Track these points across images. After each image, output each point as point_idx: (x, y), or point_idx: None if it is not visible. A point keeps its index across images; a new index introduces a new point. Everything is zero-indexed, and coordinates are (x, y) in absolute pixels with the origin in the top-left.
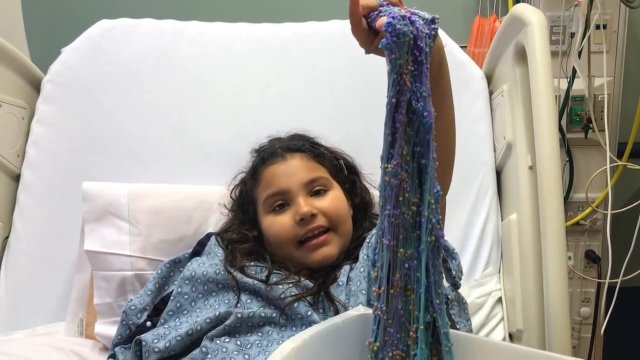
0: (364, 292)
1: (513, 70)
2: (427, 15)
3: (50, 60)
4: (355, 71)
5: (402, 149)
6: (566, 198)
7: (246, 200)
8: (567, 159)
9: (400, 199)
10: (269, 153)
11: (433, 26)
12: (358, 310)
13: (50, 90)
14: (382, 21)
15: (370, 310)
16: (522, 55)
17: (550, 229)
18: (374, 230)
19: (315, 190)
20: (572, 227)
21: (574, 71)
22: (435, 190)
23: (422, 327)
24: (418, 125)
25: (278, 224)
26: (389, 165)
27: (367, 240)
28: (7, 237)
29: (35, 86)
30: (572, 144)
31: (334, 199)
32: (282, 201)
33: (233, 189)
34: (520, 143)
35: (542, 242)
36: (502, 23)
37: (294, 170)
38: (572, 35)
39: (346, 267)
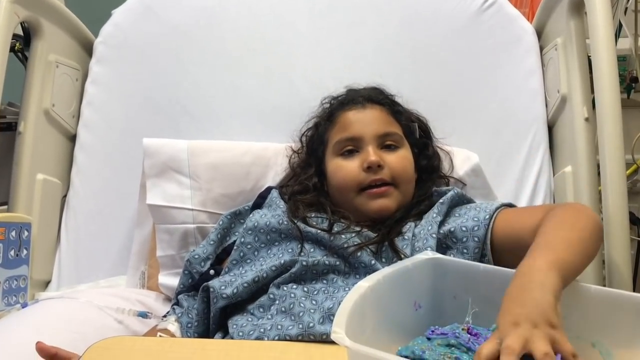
0: (430, 248)
1: (567, 24)
2: None
3: (97, 22)
4: (405, 27)
5: None
6: None
7: (317, 141)
8: None
9: None
10: (349, 99)
11: None
12: (426, 254)
13: (103, 52)
14: None
15: (438, 255)
16: (576, 7)
17: (610, 179)
18: (450, 193)
19: (386, 144)
20: None
21: (619, 29)
22: None
23: None
24: None
25: (345, 168)
26: None
27: (441, 201)
28: (65, 195)
29: (87, 48)
30: None
31: (402, 158)
32: (352, 147)
33: (304, 132)
34: (575, 95)
35: (602, 192)
36: None
37: (370, 120)
38: None
39: (411, 224)
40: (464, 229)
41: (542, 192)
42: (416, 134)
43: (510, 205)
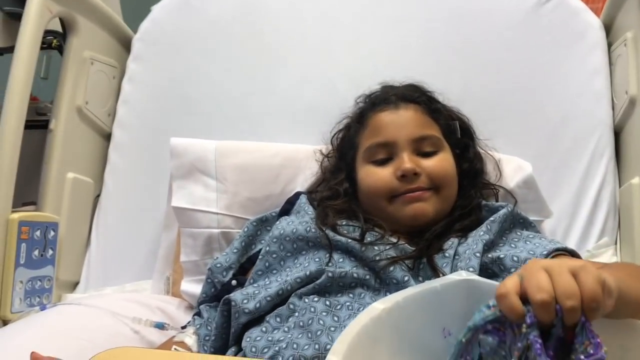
0: (472, 269)
1: (639, 15)
2: None
3: (141, 18)
4: (453, 23)
5: None
6: None
7: (347, 144)
8: None
9: None
10: (380, 99)
11: None
12: (459, 275)
13: (140, 49)
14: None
15: (474, 276)
16: None
17: None
18: (503, 211)
19: (423, 151)
20: None
21: None
22: None
23: None
24: None
25: (376, 175)
26: None
27: (492, 218)
28: (98, 195)
29: (126, 45)
30: None
31: (442, 161)
32: (386, 154)
33: (335, 135)
34: None
35: None
36: None
37: (404, 122)
38: None
39: (454, 240)
40: (515, 258)
41: (605, 206)
42: (457, 133)
43: (573, 253)
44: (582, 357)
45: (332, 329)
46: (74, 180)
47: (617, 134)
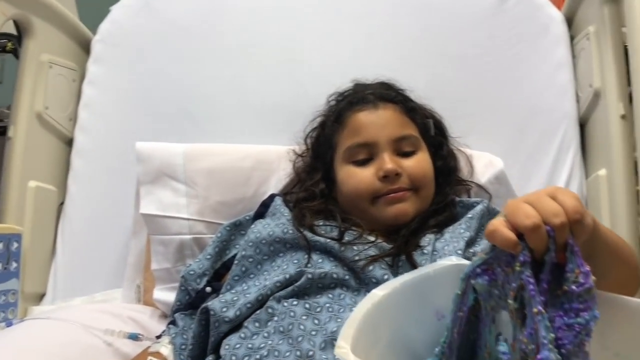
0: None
1: (600, 9)
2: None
3: (98, 19)
4: (419, 17)
5: None
6: None
7: (324, 144)
8: None
9: None
10: (358, 98)
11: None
12: (450, 260)
13: (101, 51)
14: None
15: (464, 261)
16: None
17: None
18: (479, 207)
19: (403, 150)
20: None
21: None
22: None
23: None
24: None
25: (358, 176)
26: None
27: (469, 215)
28: (62, 203)
29: (85, 47)
30: None
31: (421, 161)
32: (366, 155)
33: (309, 133)
34: (610, 90)
35: None
36: None
37: (384, 122)
38: None
39: (430, 237)
40: None
41: None
42: (431, 131)
43: None
44: (573, 287)
45: (313, 332)
46: (37, 188)
47: (582, 126)
